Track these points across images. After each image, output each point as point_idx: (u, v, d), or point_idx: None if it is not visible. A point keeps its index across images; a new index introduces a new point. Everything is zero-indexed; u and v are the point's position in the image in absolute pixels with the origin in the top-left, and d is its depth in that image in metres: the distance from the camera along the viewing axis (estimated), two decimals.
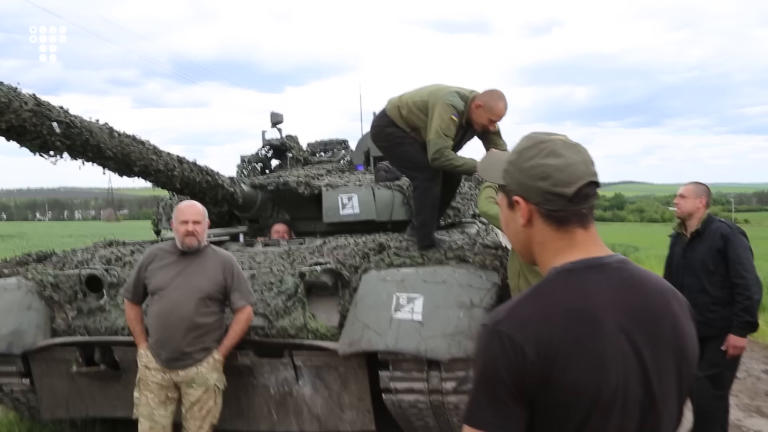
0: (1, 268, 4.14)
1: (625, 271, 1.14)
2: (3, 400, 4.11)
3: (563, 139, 1.18)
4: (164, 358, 3.22)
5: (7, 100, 3.14)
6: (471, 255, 3.47)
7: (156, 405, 3.23)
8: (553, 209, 1.14)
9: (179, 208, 3.40)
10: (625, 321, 1.07)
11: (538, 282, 1.14)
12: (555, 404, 1.04)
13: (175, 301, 3.21)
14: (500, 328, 1.06)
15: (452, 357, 3.03)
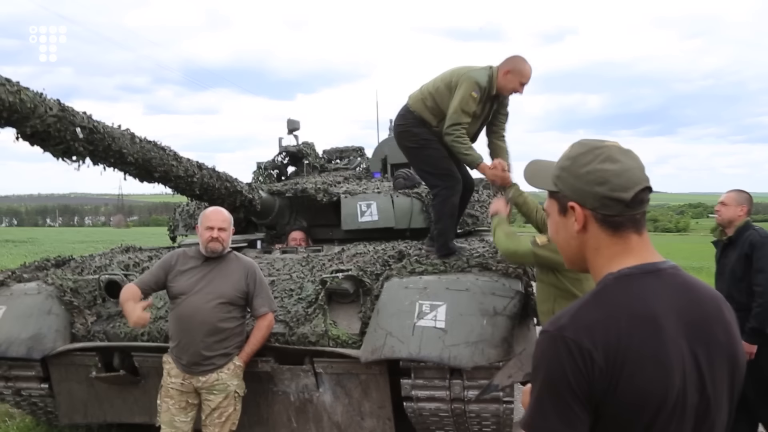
0: (20, 273, 4.15)
1: (679, 277, 1.14)
2: (21, 405, 4.11)
3: (617, 145, 1.18)
4: (185, 363, 3.20)
5: (33, 105, 3.16)
6: (493, 263, 3.45)
7: (176, 411, 3.22)
8: (609, 214, 1.14)
9: (205, 213, 3.40)
10: (682, 327, 1.08)
11: (596, 288, 1.13)
12: (621, 410, 1.03)
13: (196, 306, 3.20)
14: (566, 334, 1.05)
15: (475, 365, 3.00)
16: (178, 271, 3.28)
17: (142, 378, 3.65)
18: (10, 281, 4.01)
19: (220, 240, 3.28)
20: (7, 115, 3.08)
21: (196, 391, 3.23)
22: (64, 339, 3.64)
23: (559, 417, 1.02)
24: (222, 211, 3.43)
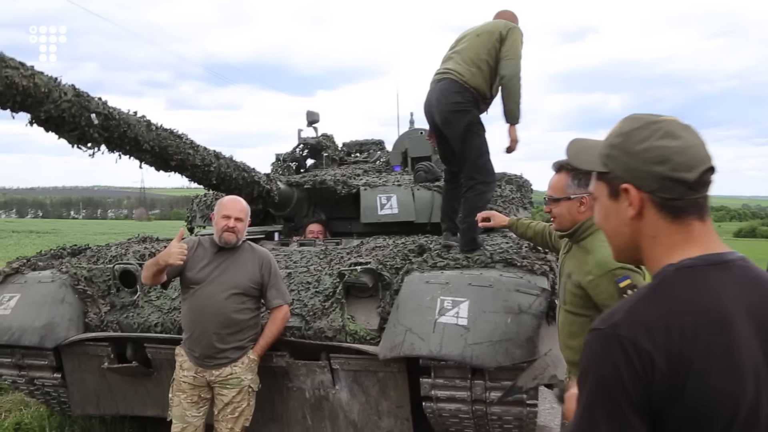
0: (35, 261, 4.11)
1: (750, 270, 1.00)
2: (34, 394, 4.07)
3: (676, 120, 1.04)
4: (198, 356, 3.11)
5: (47, 90, 3.09)
6: (518, 259, 3.30)
7: (188, 406, 3.12)
8: (670, 198, 1.01)
9: (222, 202, 3.29)
10: (754, 326, 0.94)
11: (654, 281, 1.00)
12: (685, 423, 0.89)
13: (209, 296, 3.09)
14: (621, 333, 0.91)
15: (499, 365, 2.86)
16: (192, 259, 3.18)
17: (154, 370, 3.57)
18: (25, 269, 3.96)
19: (235, 231, 3.17)
20: (21, 100, 3.00)
21: (209, 385, 3.14)
22: (77, 328, 3.58)
23: (611, 428, 0.90)
24: (240, 201, 3.32)
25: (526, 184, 5.92)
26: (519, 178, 5.85)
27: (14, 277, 3.90)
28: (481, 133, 3.86)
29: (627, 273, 2.16)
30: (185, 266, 3.16)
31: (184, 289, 3.22)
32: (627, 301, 0.98)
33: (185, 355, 3.14)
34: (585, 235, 2.39)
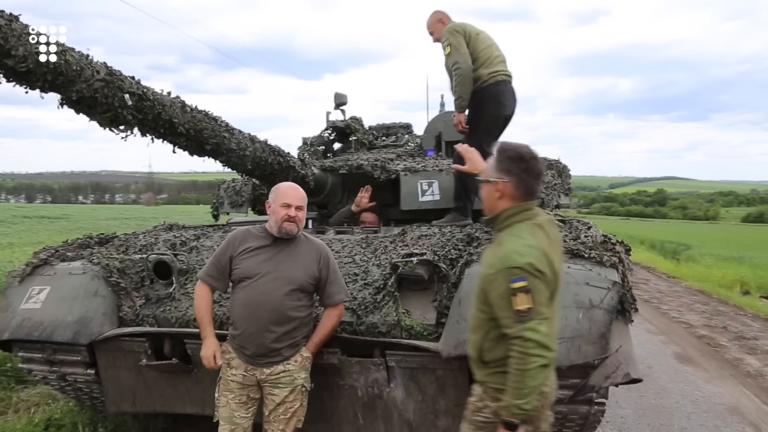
0: (64, 251, 3.91)
1: None
2: (66, 390, 3.89)
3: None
4: (250, 354, 2.90)
5: (79, 68, 2.88)
6: (585, 250, 3.08)
7: (237, 406, 2.93)
8: None
9: (281, 189, 3.04)
10: None
11: None
12: None
13: (265, 292, 2.87)
14: None
15: (571, 363, 2.66)
16: (243, 251, 2.96)
17: (194, 367, 3.37)
18: (54, 260, 3.77)
19: (296, 220, 2.94)
20: (52, 78, 2.80)
21: (259, 384, 2.94)
22: (111, 323, 3.40)
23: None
24: (299, 188, 3.08)
25: (565, 169, 5.69)
26: (558, 164, 5.62)
27: (43, 268, 3.71)
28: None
29: (526, 275, 2.03)
30: (235, 259, 2.96)
31: (234, 282, 2.99)
32: None
33: (233, 352, 2.94)
34: (503, 225, 2.24)
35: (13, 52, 2.61)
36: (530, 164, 2.21)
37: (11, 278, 3.71)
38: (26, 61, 2.67)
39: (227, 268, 2.97)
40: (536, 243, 2.12)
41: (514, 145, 2.27)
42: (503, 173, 2.22)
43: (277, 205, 2.95)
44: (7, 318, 3.50)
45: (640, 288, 11.77)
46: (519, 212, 2.22)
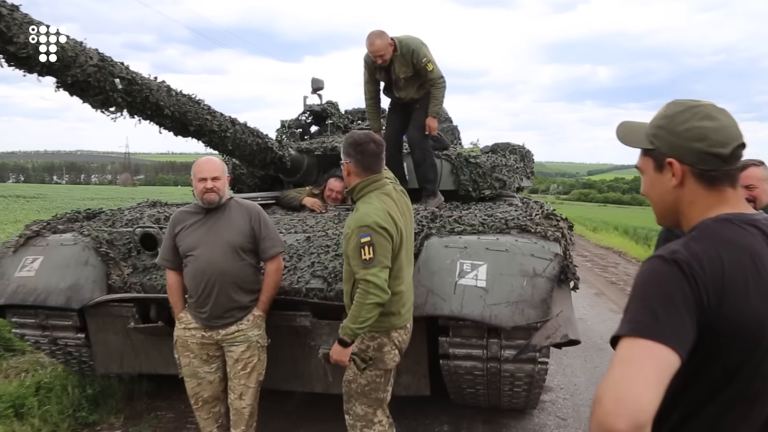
0: (55, 224, 4.17)
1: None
2: (56, 354, 4.17)
3: (713, 104, 1.23)
4: (205, 318, 3.18)
5: (74, 54, 3.14)
6: (532, 225, 3.44)
7: (199, 363, 3.23)
8: (707, 169, 1.21)
9: (197, 165, 3.25)
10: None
11: (696, 230, 1.20)
12: (724, 333, 1.08)
13: (208, 259, 3.13)
14: (678, 258, 1.10)
15: (516, 325, 3.01)
16: (182, 230, 3.21)
17: None
18: (45, 232, 4.03)
19: (215, 190, 3.16)
20: (50, 64, 3.05)
21: (218, 344, 3.24)
22: (101, 290, 3.67)
23: (670, 319, 1.05)
24: (214, 160, 3.29)
25: (528, 154, 6.04)
26: (522, 148, 5.97)
27: (35, 239, 3.97)
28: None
29: (370, 232, 2.57)
30: (177, 238, 3.21)
31: (184, 258, 3.23)
32: (680, 241, 1.16)
33: (191, 317, 3.22)
34: (359, 196, 2.79)
35: (15, 39, 2.87)
36: (364, 146, 2.76)
37: (5, 248, 3.96)
38: (27, 47, 2.93)
39: (175, 249, 3.23)
40: (382, 206, 2.66)
41: (354, 133, 2.91)
42: (346, 156, 2.80)
43: (196, 181, 3.18)
44: (3, 285, 3.76)
45: (609, 271, 12.25)
46: (369, 184, 2.77)
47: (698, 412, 1.14)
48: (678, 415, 1.16)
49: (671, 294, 1.07)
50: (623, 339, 1.07)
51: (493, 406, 3.93)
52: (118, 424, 4.02)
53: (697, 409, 1.14)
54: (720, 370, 1.11)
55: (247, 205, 3.33)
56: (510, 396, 3.69)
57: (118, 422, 4.03)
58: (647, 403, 0.98)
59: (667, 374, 1.02)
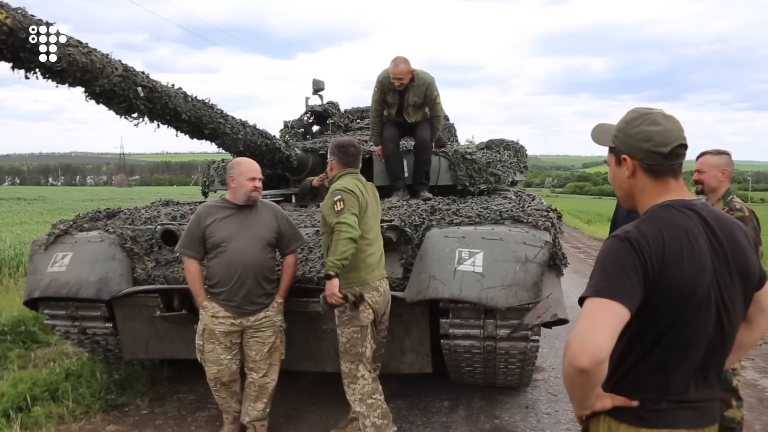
0: (80, 223, 4.47)
1: (709, 211, 1.52)
2: (84, 343, 4.49)
3: (662, 112, 1.55)
4: (236, 305, 3.50)
5: (102, 65, 3.43)
6: (524, 216, 3.76)
7: (222, 350, 3.53)
8: (652, 164, 1.53)
9: (245, 164, 3.63)
10: (710, 246, 1.46)
11: (645, 214, 1.52)
12: (665, 295, 1.41)
13: (243, 251, 3.49)
14: (630, 236, 1.43)
15: (509, 306, 3.33)
16: (212, 222, 3.52)
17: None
18: (73, 230, 4.33)
19: (259, 188, 3.61)
20: (80, 75, 3.34)
21: (241, 332, 3.56)
22: (128, 282, 3.98)
23: (622, 282, 1.39)
24: (255, 162, 3.71)
25: (522, 149, 6.37)
26: (516, 144, 6.29)
27: (64, 237, 4.27)
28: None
29: (341, 193, 3.27)
30: (209, 230, 3.51)
31: (213, 248, 3.53)
32: (632, 223, 1.48)
33: (218, 306, 3.51)
34: (332, 182, 3.47)
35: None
36: (346, 149, 3.52)
37: (36, 246, 4.27)
38: (61, 61, 3.23)
39: (201, 240, 3.53)
40: (351, 182, 3.39)
41: (338, 138, 3.74)
42: (331, 154, 3.55)
43: (245, 179, 3.55)
44: (36, 280, 4.07)
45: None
46: (344, 174, 3.48)
47: (645, 356, 1.48)
48: (631, 360, 1.50)
49: (624, 264, 1.40)
50: (587, 299, 1.40)
51: (489, 384, 4.27)
52: (144, 405, 4.33)
53: (645, 353, 1.48)
54: (661, 323, 1.44)
55: (271, 205, 3.76)
56: (505, 373, 4.02)
57: (143, 404, 4.35)
58: (604, 344, 1.32)
59: (619, 324, 1.35)
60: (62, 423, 3.98)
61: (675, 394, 1.48)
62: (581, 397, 1.46)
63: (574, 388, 1.43)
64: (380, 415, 3.35)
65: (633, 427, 1.49)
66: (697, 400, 1.49)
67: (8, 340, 5.44)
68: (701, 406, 1.50)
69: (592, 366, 1.32)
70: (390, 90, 5.11)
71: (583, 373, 1.33)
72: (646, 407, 1.48)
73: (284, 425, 3.98)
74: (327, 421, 4.01)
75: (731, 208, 3.26)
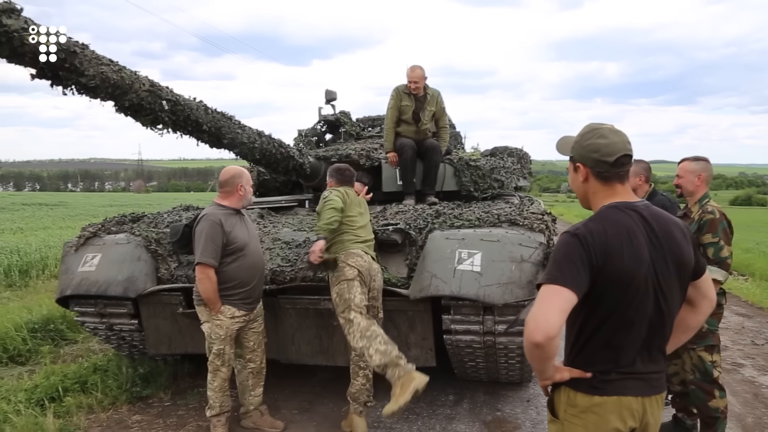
0: (108, 226, 4.79)
1: (649, 211, 1.79)
2: (110, 339, 4.81)
3: (610, 127, 1.83)
4: (251, 302, 3.83)
5: (131, 81, 3.73)
6: (521, 219, 4.01)
7: (230, 347, 3.82)
8: (600, 171, 1.80)
9: (248, 174, 3.96)
10: (647, 239, 1.72)
11: (595, 213, 1.80)
12: (608, 282, 1.68)
13: (256, 252, 3.86)
14: (578, 232, 1.70)
15: (506, 302, 3.58)
16: (229, 229, 3.76)
17: None
18: (101, 233, 4.66)
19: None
20: (112, 91, 3.65)
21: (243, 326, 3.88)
22: (152, 281, 4.28)
23: (570, 272, 1.65)
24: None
25: (525, 156, 6.62)
26: (519, 151, 6.54)
27: (93, 239, 4.60)
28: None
29: (328, 192, 3.84)
30: (231, 237, 3.73)
31: (234, 252, 3.75)
32: (582, 222, 1.75)
33: (233, 307, 3.75)
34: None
35: (86, 73, 3.48)
36: (342, 172, 4.12)
37: (67, 248, 4.60)
38: (95, 78, 3.54)
39: (221, 247, 3.71)
40: (339, 190, 3.90)
41: (336, 165, 4.28)
42: (330, 177, 4.14)
43: (249, 187, 3.92)
44: (68, 279, 4.39)
45: None
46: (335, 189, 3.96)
47: (595, 334, 1.75)
48: (583, 337, 1.77)
49: (572, 256, 1.66)
50: (542, 286, 1.66)
51: (492, 379, 4.52)
52: (166, 398, 4.63)
53: (595, 332, 1.75)
54: (607, 306, 1.71)
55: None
56: (506, 368, 4.26)
57: (166, 397, 4.65)
58: (554, 323, 1.58)
59: (567, 306, 1.61)
60: (92, 412, 4.29)
61: (623, 366, 1.74)
62: (540, 367, 1.73)
63: (533, 359, 1.69)
64: (382, 342, 3.50)
65: (587, 395, 1.75)
66: (643, 372, 1.76)
67: (39, 336, 5.77)
68: (648, 377, 1.76)
69: (545, 341, 1.58)
70: (405, 95, 5.59)
71: (537, 347, 1.59)
72: (597, 378, 1.75)
73: (298, 416, 4.26)
74: (338, 412, 4.27)
75: (705, 210, 3.49)
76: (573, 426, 1.78)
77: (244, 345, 3.93)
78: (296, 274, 4.04)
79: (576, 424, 1.77)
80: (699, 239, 3.44)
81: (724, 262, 3.38)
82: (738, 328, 6.96)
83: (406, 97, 5.58)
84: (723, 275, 3.37)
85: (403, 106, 5.62)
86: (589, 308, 1.71)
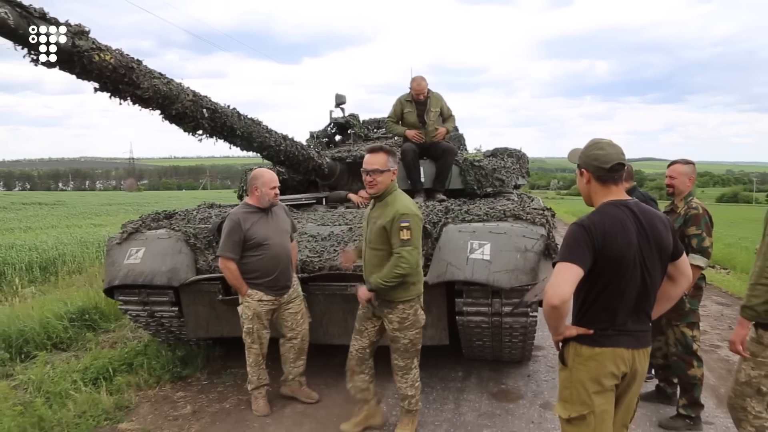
0: (148, 222, 5.26)
1: (638, 207, 2.31)
2: (149, 326, 5.27)
3: (608, 141, 2.34)
4: (279, 288, 4.29)
5: (177, 92, 4.20)
6: (524, 214, 4.53)
7: (261, 327, 4.31)
8: (599, 175, 2.31)
9: (267, 177, 4.29)
10: (636, 228, 2.24)
11: (597, 208, 2.30)
12: (606, 260, 2.19)
13: (280, 244, 4.29)
14: (584, 223, 2.21)
15: (512, 286, 4.09)
16: (251, 225, 4.23)
17: None
18: (143, 228, 5.13)
19: (278, 195, 4.37)
20: (161, 101, 4.11)
21: (275, 310, 4.35)
22: (193, 272, 4.75)
23: (578, 252, 2.15)
24: (274, 174, 4.44)
25: (524, 156, 7.15)
26: (518, 152, 7.07)
27: (135, 235, 5.07)
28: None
29: (408, 218, 3.44)
30: (249, 233, 4.21)
31: (256, 247, 4.24)
32: (587, 215, 2.25)
33: (261, 293, 4.25)
34: (386, 195, 3.62)
35: (141, 86, 3.94)
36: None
37: (112, 243, 5.06)
38: (149, 90, 3.99)
39: (241, 242, 4.19)
40: (412, 200, 3.64)
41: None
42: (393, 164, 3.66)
43: (267, 189, 4.25)
44: (115, 270, 4.86)
45: None
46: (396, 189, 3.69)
47: (596, 300, 2.26)
48: (587, 303, 2.28)
49: (579, 241, 2.17)
50: (557, 263, 2.17)
51: (496, 358, 5.04)
52: (203, 378, 5.12)
53: (596, 299, 2.27)
54: (604, 279, 2.22)
55: (280, 204, 4.55)
56: (509, 347, 4.78)
57: (203, 376, 5.14)
58: (566, 290, 2.10)
59: (576, 278, 2.13)
60: (140, 390, 4.77)
61: (618, 325, 2.26)
62: (555, 324, 2.24)
63: (549, 318, 2.20)
64: (420, 390, 3.97)
65: (590, 347, 2.28)
66: (633, 330, 2.28)
67: (76, 325, 6.24)
68: (636, 334, 2.29)
69: (560, 304, 2.10)
70: (408, 102, 6.13)
71: (554, 308, 2.11)
72: (598, 334, 2.27)
73: (325, 390, 4.76)
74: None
75: (689, 206, 4.01)
76: (579, 371, 2.30)
77: (283, 325, 4.42)
78: (324, 264, 4.54)
79: (581, 370, 2.29)
80: (684, 231, 3.96)
81: (705, 251, 3.91)
82: (717, 315, 7.53)
83: (408, 104, 6.15)
84: (704, 262, 3.90)
85: (407, 113, 6.19)
86: (591, 281, 2.22)
